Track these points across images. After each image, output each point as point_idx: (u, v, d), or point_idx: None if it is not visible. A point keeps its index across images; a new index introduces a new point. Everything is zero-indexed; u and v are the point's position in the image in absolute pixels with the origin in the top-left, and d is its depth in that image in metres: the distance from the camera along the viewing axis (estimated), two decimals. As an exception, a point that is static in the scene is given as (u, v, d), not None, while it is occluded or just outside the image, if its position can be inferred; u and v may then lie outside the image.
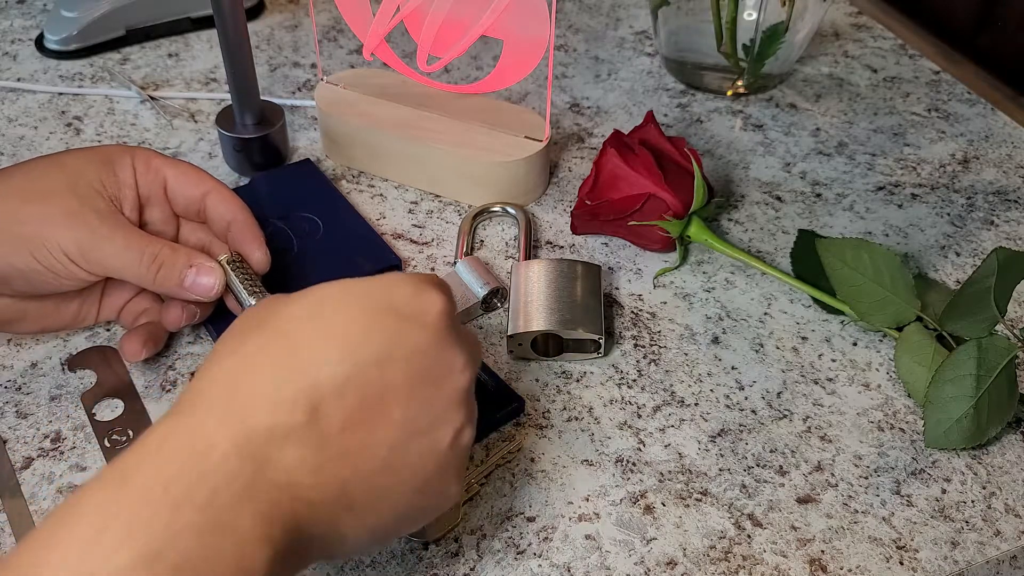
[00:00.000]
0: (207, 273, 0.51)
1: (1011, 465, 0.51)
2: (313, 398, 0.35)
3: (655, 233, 0.60)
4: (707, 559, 0.47)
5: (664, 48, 0.78)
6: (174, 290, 0.51)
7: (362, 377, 0.36)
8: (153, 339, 0.53)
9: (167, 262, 0.50)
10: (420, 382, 0.37)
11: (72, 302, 0.53)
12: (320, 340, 0.36)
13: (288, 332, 0.36)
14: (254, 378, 0.35)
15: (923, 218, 0.66)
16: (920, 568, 0.47)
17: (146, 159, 0.52)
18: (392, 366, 0.36)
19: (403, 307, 0.37)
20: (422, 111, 0.66)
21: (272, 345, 0.36)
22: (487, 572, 0.46)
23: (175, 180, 0.53)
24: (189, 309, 0.52)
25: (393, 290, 0.38)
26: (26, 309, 0.51)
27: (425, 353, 0.37)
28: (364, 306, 0.37)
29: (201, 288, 0.51)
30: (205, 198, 0.53)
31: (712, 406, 0.54)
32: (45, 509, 0.48)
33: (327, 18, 0.85)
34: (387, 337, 0.36)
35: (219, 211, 0.53)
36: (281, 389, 0.35)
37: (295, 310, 0.37)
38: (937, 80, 0.79)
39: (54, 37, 0.78)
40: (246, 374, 0.35)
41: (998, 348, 0.51)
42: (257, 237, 0.53)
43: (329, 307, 0.37)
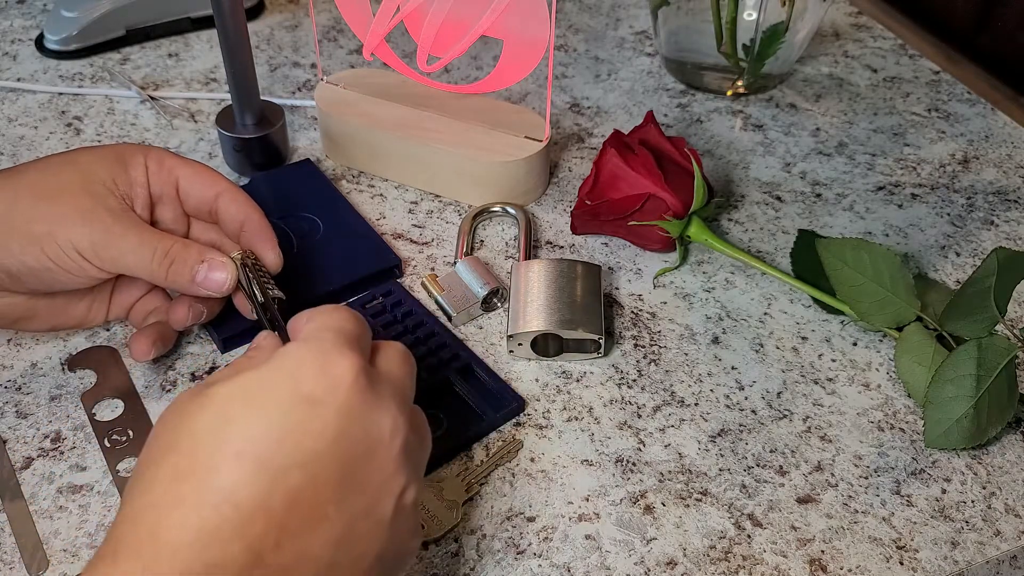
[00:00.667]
0: (219, 268, 0.50)
1: (1011, 465, 0.51)
2: (237, 524, 0.33)
3: (655, 233, 0.60)
4: (707, 559, 0.47)
5: (664, 48, 0.78)
6: (186, 286, 0.50)
7: (285, 485, 0.34)
8: (162, 339, 0.53)
9: (179, 257, 0.50)
10: (349, 467, 0.35)
11: (82, 300, 0.53)
12: (231, 458, 0.34)
13: (196, 454, 0.34)
14: (174, 517, 0.33)
15: (923, 218, 0.66)
16: (920, 568, 0.47)
17: (159, 158, 0.52)
18: (315, 463, 0.34)
19: (312, 391, 0.35)
20: (422, 111, 0.66)
21: (184, 474, 0.34)
22: (487, 572, 0.46)
23: (187, 180, 0.53)
24: (196, 308, 0.52)
25: (297, 375, 0.35)
26: (36, 307, 0.51)
27: (347, 435, 0.35)
28: (271, 404, 0.35)
29: (213, 283, 0.50)
30: (217, 199, 0.53)
31: (712, 406, 0.54)
32: (45, 509, 0.48)
33: (327, 18, 0.85)
34: (303, 433, 0.34)
35: (231, 211, 0.53)
36: (203, 523, 0.32)
37: (199, 424, 0.35)
38: (937, 80, 0.79)
39: (54, 37, 0.78)
40: (165, 513, 0.33)
41: (998, 348, 0.51)
42: (270, 238, 0.53)
43: (234, 415, 0.35)
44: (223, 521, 0.33)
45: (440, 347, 0.55)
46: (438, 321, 0.57)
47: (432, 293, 0.58)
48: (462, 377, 0.54)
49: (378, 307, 0.58)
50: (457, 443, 0.51)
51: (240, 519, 0.33)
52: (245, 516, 0.33)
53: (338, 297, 0.58)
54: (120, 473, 0.50)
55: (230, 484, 0.33)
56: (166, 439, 0.35)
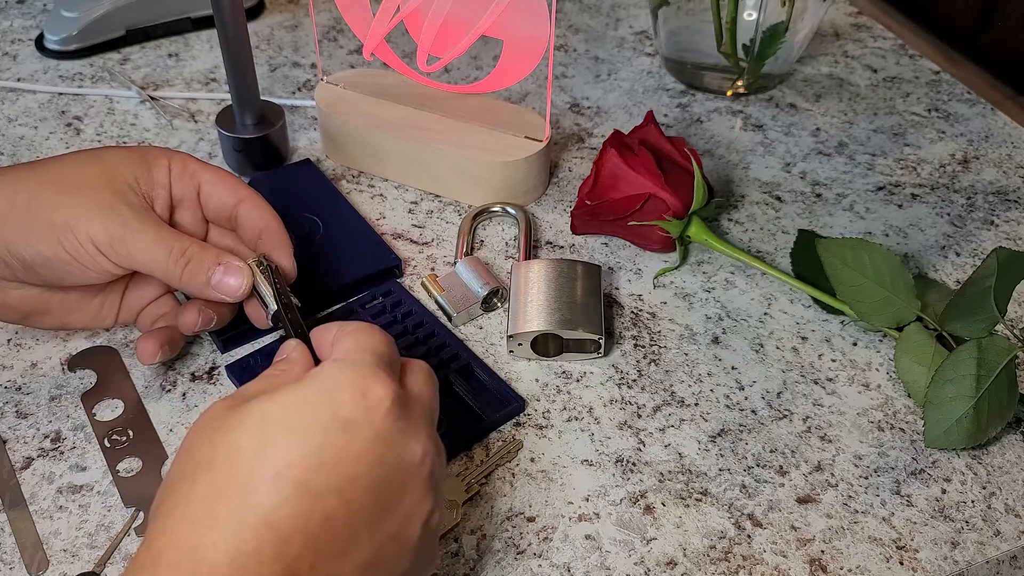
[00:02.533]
0: (235, 273, 0.50)
1: (1011, 465, 0.51)
2: (276, 544, 0.33)
3: (655, 233, 0.60)
4: (707, 559, 0.47)
5: (664, 48, 0.78)
6: (200, 288, 0.50)
7: (322, 508, 0.34)
8: (170, 343, 0.52)
9: (195, 258, 0.49)
10: (383, 493, 0.36)
11: (95, 299, 0.53)
12: (271, 479, 0.34)
13: (236, 471, 0.34)
14: (213, 535, 0.33)
15: (923, 218, 0.66)
16: (920, 568, 0.47)
17: (183, 162, 0.52)
18: (352, 488, 0.35)
19: (350, 417, 0.36)
20: (422, 111, 0.66)
21: (223, 492, 0.34)
22: (487, 572, 0.46)
23: (210, 185, 0.53)
24: (206, 313, 0.52)
25: (337, 398, 0.36)
26: (49, 302, 0.51)
27: (382, 461, 0.36)
28: (310, 428, 0.35)
29: (227, 288, 0.50)
30: (238, 206, 0.53)
31: (712, 406, 0.54)
32: (45, 509, 0.48)
33: (327, 18, 0.85)
34: (342, 458, 0.35)
35: (252, 218, 0.53)
36: (242, 543, 0.33)
37: (240, 444, 0.35)
38: (937, 80, 0.79)
39: (54, 37, 0.78)
40: (204, 531, 0.33)
41: (998, 348, 0.51)
42: (288, 246, 0.53)
43: (274, 437, 0.35)
44: (262, 543, 0.33)
45: (440, 347, 0.55)
46: (438, 321, 0.57)
47: (432, 293, 0.58)
48: (462, 377, 0.54)
49: (378, 307, 0.58)
50: (457, 443, 0.51)
51: (278, 541, 0.33)
52: (283, 538, 0.33)
53: (338, 297, 0.58)
54: (120, 473, 0.50)
55: (269, 506, 0.34)
56: (203, 453, 0.36)
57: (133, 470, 0.50)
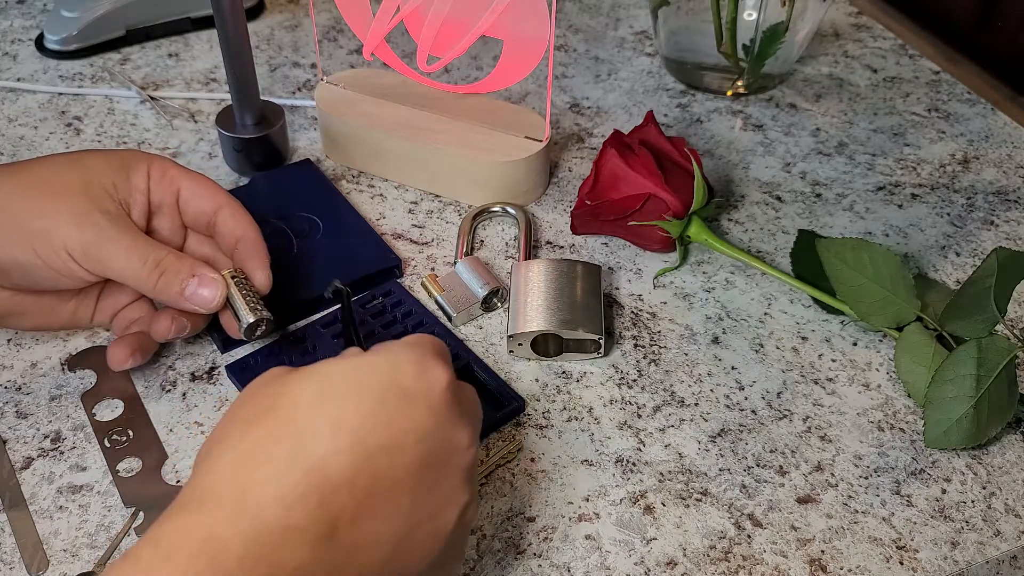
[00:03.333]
0: (208, 285, 0.50)
1: (1011, 465, 0.51)
2: (324, 492, 0.34)
3: (655, 233, 0.60)
4: (707, 559, 0.47)
5: (664, 48, 0.78)
6: (174, 298, 0.50)
7: (372, 466, 0.35)
8: (142, 350, 0.52)
9: (170, 269, 0.49)
10: (428, 466, 0.37)
11: (69, 302, 0.53)
12: (328, 429, 0.35)
13: (294, 420, 0.35)
14: (263, 473, 0.34)
15: (923, 218, 0.66)
16: (920, 568, 0.47)
17: (162, 168, 0.52)
18: (400, 453, 0.36)
19: (409, 387, 0.37)
20: (422, 111, 0.66)
21: (279, 437, 0.35)
22: (487, 572, 0.46)
23: (189, 192, 0.53)
24: (179, 321, 0.52)
25: (399, 368, 0.37)
26: (23, 304, 0.51)
27: (432, 435, 0.37)
28: (371, 388, 0.36)
29: (201, 299, 0.50)
30: (217, 213, 0.53)
31: (712, 406, 0.54)
32: (45, 509, 0.48)
33: (327, 18, 0.85)
34: (395, 422, 0.36)
35: (229, 226, 0.53)
36: (291, 485, 0.34)
37: (301, 396, 0.36)
38: (937, 80, 0.79)
39: (54, 37, 0.78)
40: (254, 470, 0.34)
41: (998, 348, 0.51)
42: (263, 258, 0.53)
43: (336, 391, 0.36)
44: (310, 488, 0.34)
45: (440, 347, 0.55)
46: (438, 321, 0.57)
47: (432, 293, 0.58)
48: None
49: (378, 307, 0.58)
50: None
51: (326, 488, 0.34)
52: (332, 486, 0.34)
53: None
54: (120, 473, 0.50)
55: (323, 454, 0.34)
56: (262, 403, 0.36)
57: (133, 470, 0.50)
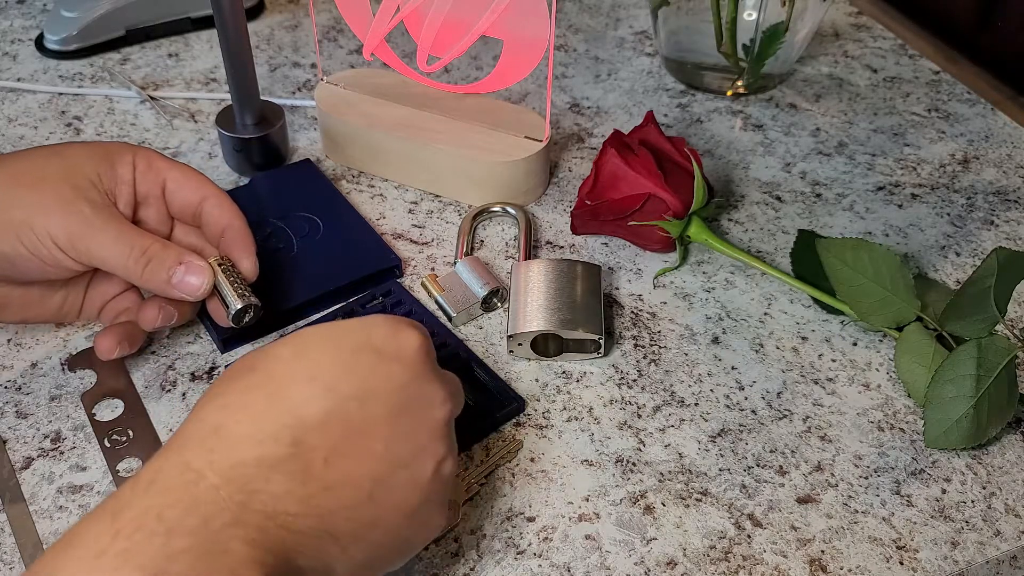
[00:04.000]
0: (196, 272, 0.50)
1: (1011, 465, 0.51)
2: (297, 432, 0.36)
3: (655, 233, 0.60)
4: (707, 559, 0.47)
5: (664, 48, 0.78)
6: (161, 286, 0.50)
7: (344, 411, 0.37)
8: (129, 339, 0.52)
9: (157, 257, 0.49)
10: (401, 416, 0.38)
11: (56, 293, 0.53)
12: (304, 378, 0.37)
13: (274, 373, 0.38)
14: (240, 415, 0.36)
15: (923, 218, 0.66)
16: (920, 568, 0.47)
17: (148, 159, 0.52)
18: (373, 401, 0.38)
19: (382, 345, 0.39)
20: (422, 111, 0.66)
21: (259, 385, 0.37)
22: (487, 572, 0.46)
23: (175, 183, 0.53)
24: (167, 310, 0.52)
25: (372, 330, 0.39)
26: (10, 296, 0.51)
27: (405, 388, 0.39)
28: (345, 345, 0.39)
29: (188, 287, 0.50)
30: (203, 203, 0.53)
31: (712, 406, 0.54)
32: (45, 509, 0.48)
33: (327, 18, 0.85)
34: (367, 373, 0.38)
35: (215, 216, 0.53)
36: (266, 424, 0.36)
37: (282, 352, 0.38)
38: (937, 80, 0.79)
39: (54, 37, 0.78)
40: (233, 413, 0.36)
41: (998, 348, 0.51)
42: (249, 246, 0.53)
43: (313, 347, 0.38)
44: (283, 427, 0.36)
45: (440, 347, 0.55)
46: (438, 321, 0.57)
47: (432, 293, 0.58)
48: (462, 377, 0.54)
49: (378, 307, 0.58)
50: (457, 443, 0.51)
51: (298, 429, 0.36)
52: (304, 427, 0.36)
53: (338, 297, 0.58)
54: (120, 473, 0.50)
55: (297, 400, 0.37)
56: (247, 362, 0.39)
57: (133, 470, 0.50)
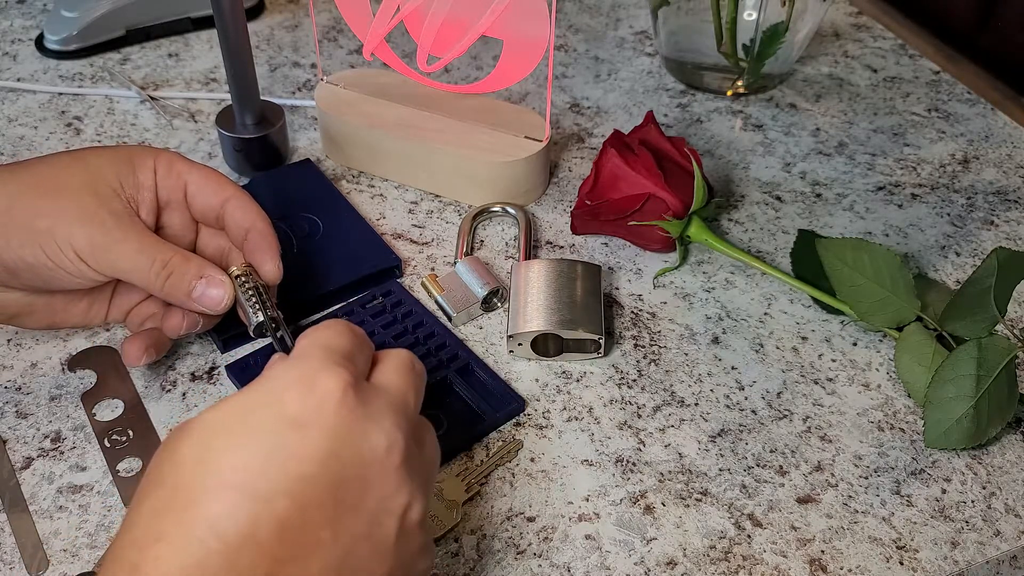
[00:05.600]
0: (216, 286, 0.50)
1: (1011, 465, 0.51)
2: (225, 555, 0.31)
3: (655, 233, 0.60)
4: (707, 559, 0.47)
5: (664, 48, 0.78)
6: (182, 300, 0.50)
7: (272, 513, 0.32)
8: (156, 346, 0.52)
9: (177, 270, 0.49)
10: (342, 489, 0.34)
11: (81, 300, 0.52)
12: (215, 487, 0.32)
13: (180, 485, 0.33)
14: (156, 550, 0.32)
15: (923, 218, 0.66)
16: (920, 568, 0.47)
17: (168, 162, 0.52)
18: (303, 488, 0.33)
19: (298, 413, 0.34)
20: (422, 111, 0.66)
21: (168, 506, 0.33)
22: (487, 572, 0.46)
23: (196, 185, 0.52)
24: (191, 317, 0.52)
25: (282, 398, 0.34)
26: (34, 304, 0.51)
27: (337, 456, 0.34)
28: (254, 428, 0.34)
29: (209, 300, 0.50)
30: (224, 205, 0.52)
31: (712, 406, 0.54)
32: (45, 509, 0.48)
33: (327, 18, 0.85)
34: (289, 459, 0.33)
35: (237, 218, 0.52)
36: (190, 556, 0.31)
37: (184, 455, 0.33)
38: (937, 80, 0.79)
39: (54, 37, 0.78)
40: (145, 548, 0.32)
41: (998, 348, 0.51)
42: (272, 248, 0.52)
43: (217, 444, 0.33)
44: (208, 554, 0.31)
45: (440, 347, 0.55)
46: (438, 321, 0.57)
47: (432, 293, 0.58)
48: (462, 377, 0.54)
49: (378, 307, 0.58)
50: (457, 443, 0.51)
51: (226, 551, 0.32)
52: (232, 548, 0.32)
53: (338, 297, 0.58)
54: (120, 473, 0.50)
55: (214, 515, 0.32)
56: (153, 474, 0.34)
57: (133, 470, 0.50)
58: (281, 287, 0.53)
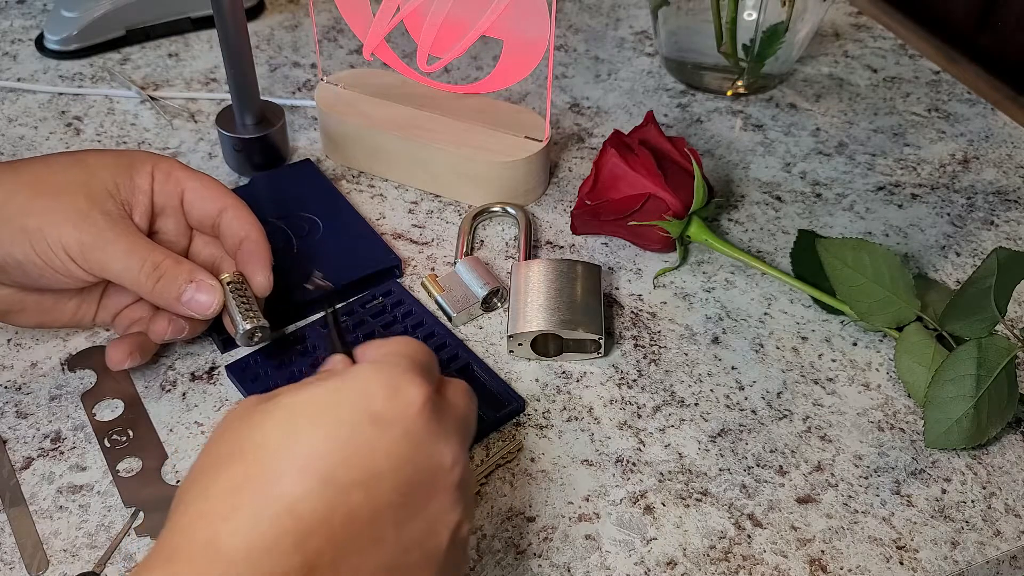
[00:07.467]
0: (206, 291, 0.50)
1: (1011, 465, 0.51)
2: (297, 536, 0.32)
3: (655, 233, 0.60)
4: (707, 559, 0.47)
5: (664, 48, 0.78)
6: (171, 303, 0.50)
7: (347, 503, 0.33)
8: (141, 350, 0.52)
9: (168, 274, 0.49)
10: (410, 493, 0.35)
11: (71, 300, 0.53)
12: (296, 471, 0.33)
13: (261, 462, 0.33)
14: (231, 525, 0.32)
15: (923, 218, 0.66)
16: (920, 568, 0.47)
17: (167, 169, 0.52)
18: (378, 484, 0.34)
19: (381, 412, 0.35)
20: (422, 111, 0.66)
21: (245, 482, 0.33)
22: (487, 572, 0.46)
23: (193, 193, 0.52)
24: (177, 323, 0.52)
25: (369, 394, 0.35)
26: (24, 301, 0.51)
27: (410, 460, 0.35)
28: (340, 419, 0.34)
29: (198, 305, 0.50)
30: (221, 214, 0.52)
31: (712, 406, 0.54)
32: (45, 509, 0.48)
33: (327, 18, 0.85)
34: (369, 453, 0.34)
35: (233, 228, 0.52)
36: (262, 532, 0.32)
37: (267, 436, 0.34)
38: (937, 80, 0.79)
39: (54, 37, 0.78)
40: (220, 521, 0.32)
41: (998, 348, 0.51)
42: (264, 259, 0.52)
43: (303, 428, 0.34)
44: (282, 533, 0.32)
45: (440, 347, 0.55)
46: (438, 321, 0.57)
47: (432, 293, 0.58)
48: (462, 377, 0.54)
49: (378, 307, 0.58)
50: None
51: (299, 533, 0.32)
52: (305, 530, 0.32)
53: (338, 297, 0.58)
54: (120, 473, 0.50)
55: (292, 497, 0.33)
56: (228, 447, 0.35)
57: (133, 470, 0.50)
58: (281, 287, 0.53)
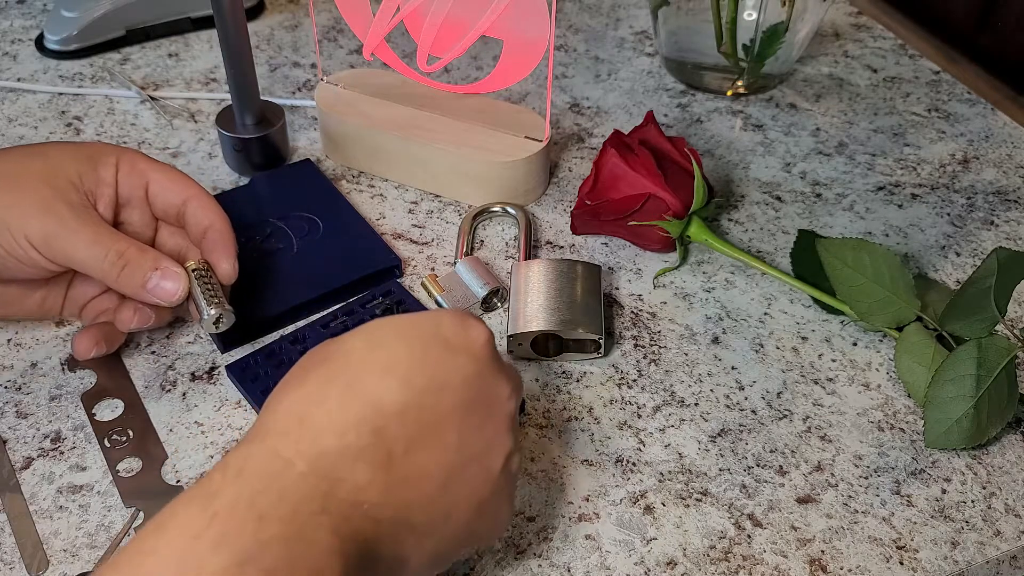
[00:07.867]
0: (171, 278, 0.50)
1: (1011, 465, 0.51)
2: (377, 422, 0.37)
3: (655, 233, 0.60)
4: (707, 559, 0.47)
5: (664, 48, 0.78)
6: (136, 291, 0.50)
7: (420, 403, 0.38)
8: (107, 340, 0.52)
9: (132, 262, 0.49)
10: (472, 409, 0.39)
11: (37, 292, 0.53)
12: (380, 370, 0.38)
13: (350, 364, 0.38)
14: (321, 407, 0.37)
15: (923, 218, 0.66)
16: (920, 568, 0.47)
17: (131, 161, 0.52)
18: (446, 393, 0.38)
19: (452, 338, 0.39)
20: (422, 111, 0.66)
21: (336, 376, 0.38)
22: (487, 572, 0.46)
23: (157, 184, 0.53)
24: (143, 312, 0.52)
25: (441, 323, 0.40)
26: None
27: (475, 381, 0.39)
28: (417, 336, 0.39)
29: (164, 292, 0.50)
30: (186, 204, 0.53)
31: (712, 406, 0.54)
32: (45, 509, 0.48)
33: (327, 18, 0.85)
34: (440, 366, 0.39)
35: (197, 217, 0.53)
36: (347, 415, 0.36)
37: (355, 343, 0.39)
38: (937, 80, 0.79)
39: (54, 37, 0.78)
40: (313, 404, 0.37)
41: (998, 348, 0.51)
42: (229, 247, 0.53)
43: (385, 340, 0.39)
44: (364, 419, 0.36)
45: (440, 347, 0.55)
46: (438, 321, 0.57)
47: (432, 293, 0.58)
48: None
49: (378, 307, 0.58)
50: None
51: (379, 419, 0.37)
52: (384, 418, 0.37)
53: (338, 297, 0.58)
54: (120, 473, 0.50)
55: (375, 391, 0.37)
56: (321, 353, 0.39)
57: (133, 470, 0.50)
58: (281, 287, 0.53)
